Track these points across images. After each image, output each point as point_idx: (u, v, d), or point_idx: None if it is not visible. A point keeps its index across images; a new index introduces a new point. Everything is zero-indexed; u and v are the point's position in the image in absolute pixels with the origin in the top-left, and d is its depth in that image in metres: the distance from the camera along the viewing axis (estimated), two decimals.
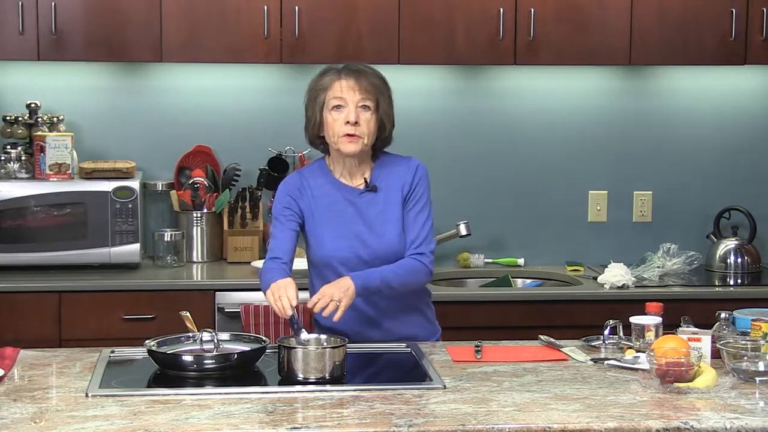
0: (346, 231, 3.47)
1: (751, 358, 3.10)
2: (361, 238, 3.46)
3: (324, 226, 3.48)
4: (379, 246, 3.46)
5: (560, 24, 4.75)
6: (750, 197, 5.17)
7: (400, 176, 3.51)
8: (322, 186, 3.51)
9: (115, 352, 3.34)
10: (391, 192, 3.50)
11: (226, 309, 4.47)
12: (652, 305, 3.43)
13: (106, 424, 2.66)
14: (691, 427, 2.69)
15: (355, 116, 3.40)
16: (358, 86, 3.41)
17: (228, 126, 5.05)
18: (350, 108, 3.40)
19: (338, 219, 3.48)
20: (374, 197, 3.50)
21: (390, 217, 3.48)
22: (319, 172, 3.55)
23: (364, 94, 3.41)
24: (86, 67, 4.94)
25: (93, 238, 4.62)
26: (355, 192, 3.50)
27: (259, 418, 2.73)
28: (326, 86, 3.44)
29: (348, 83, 3.42)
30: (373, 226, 3.48)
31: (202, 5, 4.65)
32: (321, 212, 3.49)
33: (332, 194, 3.50)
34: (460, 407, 2.82)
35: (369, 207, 3.49)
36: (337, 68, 3.48)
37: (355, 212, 3.49)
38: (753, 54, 4.83)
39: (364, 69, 3.48)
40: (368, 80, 3.44)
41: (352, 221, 3.48)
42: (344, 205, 3.49)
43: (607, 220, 5.21)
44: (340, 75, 3.44)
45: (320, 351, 3.06)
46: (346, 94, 3.41)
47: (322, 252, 3.47)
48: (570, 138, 5.17)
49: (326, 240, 3.47)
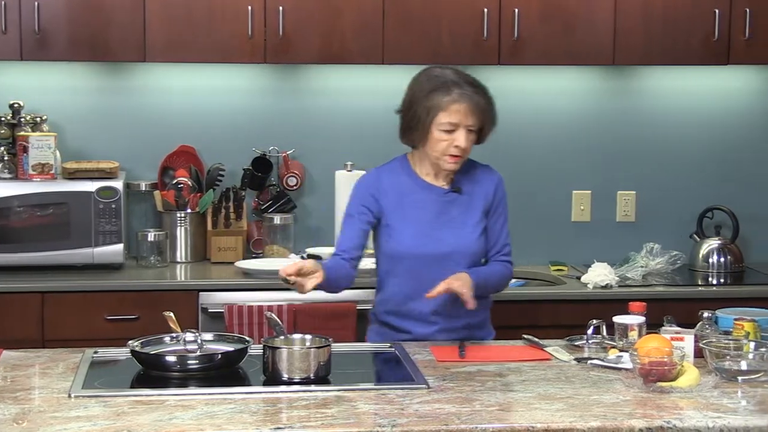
0: (427, 228, 3.54)
1: (733, 357, 3.12)
2: (441, 236, 3.54)
3: (405, 222, 3.55)
4: (457, 246, 3.54)
5: (544, 24, 4.76)
6: (733, 197, 5.18)
7: (483, 185, 3.62)
8: (405, 183, 3.58)
9: (99, 353, 3.34)
10: (473, 196, 3.59)
11: (209, 309, 4.46)
12: (635, 305, 3.44)
13: (89, 425, 2.65)
14: (674, 426, 2.70)
15: (465, 142, 3.47)
16: (470, 113, 3.46)
17: (212, 126, 5.04)
18: (461, 131, 3.46)
19: (420, 216, 3.55)
20: (457, 198, 3.58)
21: (470, 220, 3.57)
22: (401, 170, 3.61)
23: (475, 120, 3.48)
24: (70, 67, 4.92)
25: (76, 239, 4.60)
26: (440, 191, 3.58)
27: (242, 418, 2.72)
28: (442, 107, 3.45)
29: (462, 108, 3.45)
30: (454, 226, 3.56)
31: (186, 5, 4.64)
32: (403, 209, 3.56)
33: (416, 192, 3.57)
34: (444, 407, 2.82)
35: (452, 207, 3.57)
36: (453, 81, 3.47)
37: (438, 211, 3.56)
38: (736, 54, 4.84)
39: (477, 90, 3.49)
40: (480, 106, 3.48)
41: (434, 219, 3.55)
42: (427, 203, 3.56)
43: (590, 219, 5.22)
44: (458, 99, 3.44)
45: (305, 351, 3.06)
46: (460, 119, 3.46)
47: (401, 247, 3.54)
48: (554, 138, 5.18)
49: (406, 236, 3.54)
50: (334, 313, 4.41)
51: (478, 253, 3.58)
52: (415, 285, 3.52)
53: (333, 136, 5.09)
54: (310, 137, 5.07)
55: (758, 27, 4.82)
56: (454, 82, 3.46)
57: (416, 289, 3.51)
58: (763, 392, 2.97)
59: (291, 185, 5.00)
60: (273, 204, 5.00)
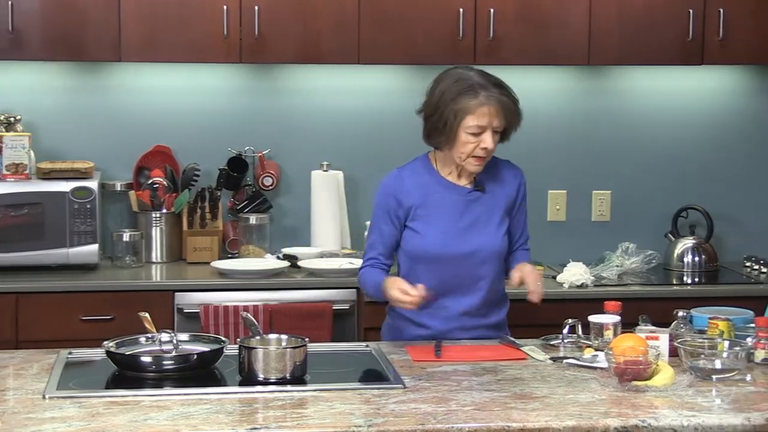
0: (451, 227, 3.54)
1: (708, 356, 3.13)
2: (466, 235, 3.54)
3: (429, 222, 3.54)
4: (481, 244, 3.54)
5: (520, 24, 4.77)
6: (707, 196, 5.20)
7: (506, 182, 3.63)
8: (428, 184, 3.58)
9: (73, 354, 3.32)
10: (496, 195, 3.60)
11: (185, 309, 4.45)
12: (610, 304, 3.45)
13: (64, 426, 2.64)
14: (649, 425, 2.71)
15: (492, 143, 3.47)
16: (497, 115, 3.45)
17: (187, 126, 5.03)
18: (488, 134, 3.45)
19: (445, 216, 3.55)
20: (481, 197, 3.58)
21: (494, 219, 3.58)
22: (423, 170, 3.61)
23: (502, 121, 3.47)
24: (44, 66, 4.90)
25: (51, 239, 4.58)
26: (463, 191, 3.58)
27: (218, 418, 2.72)
28: (470, 110, 3.44)
29: (491, 110, 3.44)
30: (478, 224, 3.56)
31: (162, 5, 4.63)
32: (427, 209, 3.55)
33: (439, 191, 3.57)
34: (420, 407, 2.82)
35: (475, 206, 3.57)
36: (480, 84, 3.45)
37: (462, 210, 3.56)
38: (710, 54, 4.87)
39: (503, 91, 3.48)
40: (507, 107, 3.47)
41: (459, 219, 3.55)
42: (451, 202, 3.56)
43: (566, 219, 5.23)
44: (486, 101, 3.43)
45: (280, 351, 3.06)
46: (489, 122, 3.45)
47: (426, 248, 3.53)
48: (529, 137, 5.13)
49: (430, 236, 3.53)
50: (309, 313, 4.41)
51: (502, 253, 3.60)
52: (438, 284, 3.50)
53: (309, 136, 5.09)
54: (285, 137, 5.06)
55: (732, 27, 4.84)
56: (481, 85, 3.45)
57: (439, 287, 3.50)
58: (737, 391, 2.99)
59: (267, 185, 4.99)
60: (249, 204, 4.99)
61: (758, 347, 3.23)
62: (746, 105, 5.26)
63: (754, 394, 2.97)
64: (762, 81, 5.24)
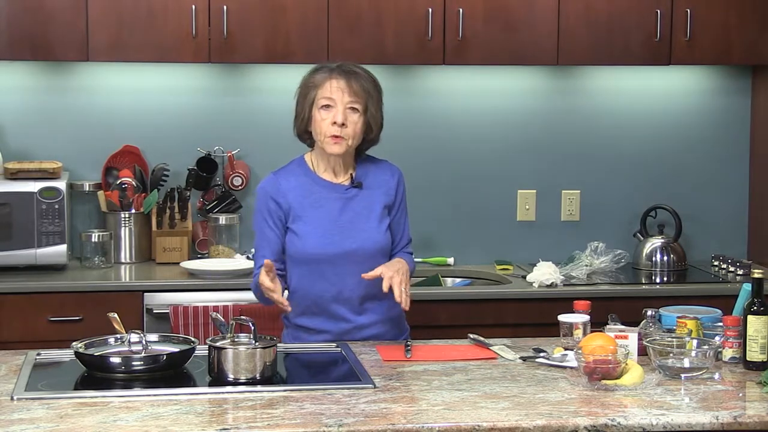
0: (331, 227, 3.52)
1: (676, 354, 3.15)
2: (347, 233, 3.52)
3: (309, 223, 3.52)
4: (363, 241, 3.52)
5: (488, 24, 4.78)
6: (676, 196, 5.23)
7: (383, 179, 3.61)
8: (304, 184, 3.56)
9: (42, 355, 3.30)
10: (374, 191, 3.58)
11: (154, 310, 4.43)
12: (579, 303, 3.46)
13: (32, 428, 2.63)
14: (618, 423, 2.72)
15: (342, 117, 3.44)
16: (348, 88, 3.45)
17: (156, 126, 5.01)
18: (338, 109, 3.45)
19: (324, 215, 3.53)
20: (359, 193, 3.56)
21: (374, 214, 3.56)
22: (299, 171, 3.59)
23: (354, 97, 3.45)
24: (11, 66, 4.87)
25: (18, 240, 4.55)
26: (341, 188, 3.56)
27: (188, 419, 2.71)
28: (317, 84, 3.47)
29: (338, 84, 3.45)
30: (359, 221, 3.54)
31: (129, 4, 4.61)
32: (305, 210, 3.53)
33: (316, 191, 3.55)
34: (390, 406, 2.82)
35: (354, 203, 3.55)
36: (331, 67, 3.51)
37: (340, 208, 3.54)
38: (677, 55, 4.89)
39: (357, 71, 3.50)
40: (359, 83, 3.47)
41: (338, 217, 3.53)
42: (329, 201, 3.54)
43: (535, 219, 5.24)
44: (331, 74, 3.47)
45: (250, 351, 3.05)
46: (336, 95, 3.45)
47: (307, 249, 3.51)
48: (499, 137, 5.20)
49: (311, 237, 3.51)
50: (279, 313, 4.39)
51: (385, 249, 3.57)
52: (325, 285, 3.51)
53: (278, 135, 5.05)
54: (255, 137, 5.05)
55: (699, 28, 4.87)
56: (335, 67, 3.50)
57: (327, 289, 3.50)
58: (706, 389, 3.01)
59: (236, 185, 4.98)
60: (218, 204, 4.98)
61: (726, 346, 3.26)
62: (713, 105, 5.29)
63: (722, 392, 2.99)
64: (729, 81, 5.27)
